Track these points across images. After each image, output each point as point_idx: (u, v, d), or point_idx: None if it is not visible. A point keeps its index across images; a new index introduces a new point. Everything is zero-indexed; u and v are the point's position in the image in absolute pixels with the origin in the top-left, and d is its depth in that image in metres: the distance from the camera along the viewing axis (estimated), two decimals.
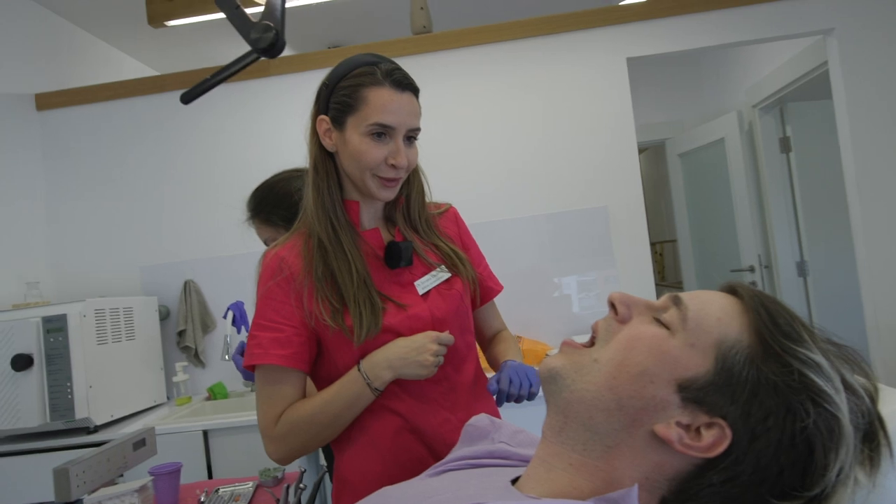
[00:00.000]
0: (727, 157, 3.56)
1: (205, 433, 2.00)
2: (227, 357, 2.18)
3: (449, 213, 1.19)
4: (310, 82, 2.56)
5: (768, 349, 0.56)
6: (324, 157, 1.03)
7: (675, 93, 4.00)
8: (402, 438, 1.02)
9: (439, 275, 1.08)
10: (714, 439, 0.56)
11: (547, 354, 2.46)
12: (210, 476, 2.00)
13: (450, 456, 0.84)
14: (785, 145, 3.38)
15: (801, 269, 3.38)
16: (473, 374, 1.10)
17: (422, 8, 2.46)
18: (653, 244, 5.29)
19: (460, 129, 2.47)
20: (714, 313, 0.60)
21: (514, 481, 0.68)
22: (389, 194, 1.03)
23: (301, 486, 1.29)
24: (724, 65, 3.76)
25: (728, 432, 0.55)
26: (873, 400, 0.57)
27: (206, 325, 2.51)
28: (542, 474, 0.64)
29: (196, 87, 0.86)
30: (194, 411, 2.26)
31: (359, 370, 0.99)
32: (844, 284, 3.08)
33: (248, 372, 1.24)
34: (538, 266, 2.43)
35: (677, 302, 0.61)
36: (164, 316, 2.51)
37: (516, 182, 2.46)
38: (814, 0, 2.33)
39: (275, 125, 2.59)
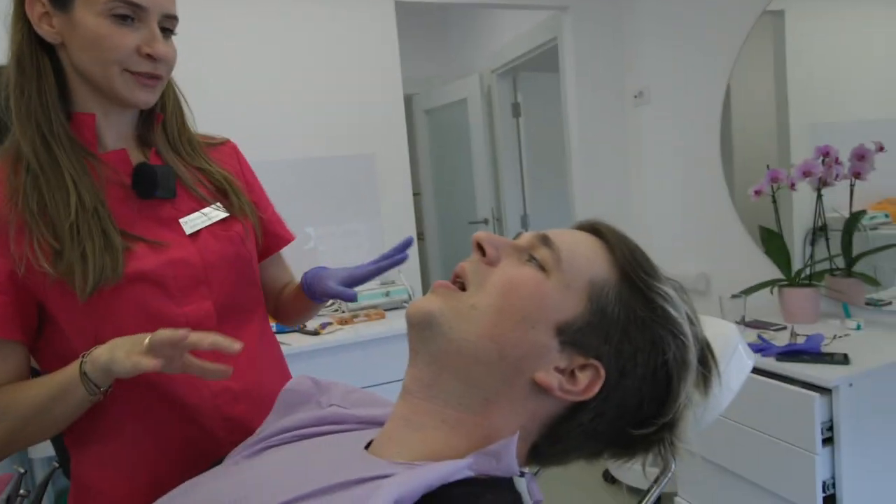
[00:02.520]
0: (468, 117, 3.82)
1: None
2: None
3: (226, 146, 0.99)
4: None
5: (633, 286, 0.57)
6: (34, 51, 0.76)
7: (420, 49, 4.10)
8: (162, 417, 0.81)
9: (214, 213, 0.87)
10: (589, 381, 0.55)
11: None
12: None
13: (265, 430, 0.70)
14: (516, 110, 3.76)
15: (524, 222, 3.85)
16: (259, 333, 0.93)
17: None
18: None
19: (209, 59, 2.12)
20: (583, 252, 0.59)
21: (367, 448, 0.59)
22: (148, 97, 0.79)
23: (21, 493, 0.98)
24: (468, 28, 3.98)
25: (602, 372, 0.55)
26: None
27: None
28: (408, 435, 0.56)
29: None
30: None
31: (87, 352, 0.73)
32: None
33: None
34: (290, 214, 2.27)
35: (546, 242, 0.59)
36: None
37: (275, 121, 2.24)
38: None
39: None
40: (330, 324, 2.04)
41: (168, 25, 0.80)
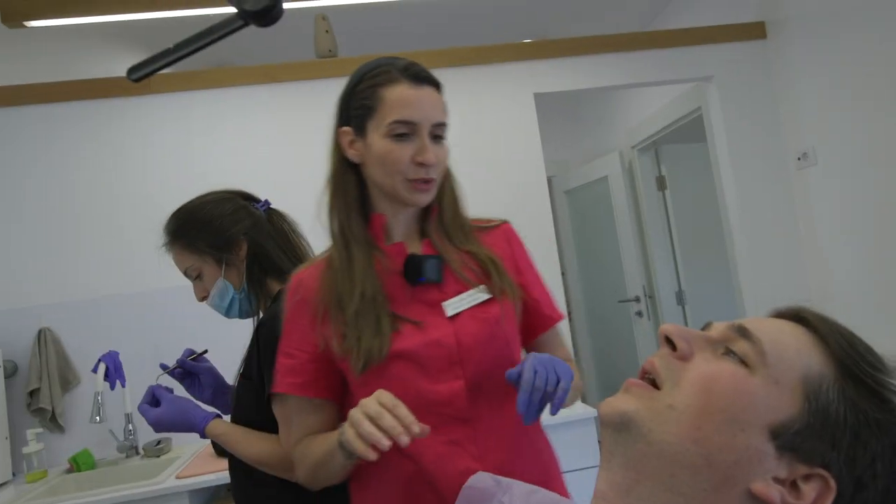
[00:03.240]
0: (611, 193, 3.77)
1: None
2: (97, 419, 1.84)
3: (500, 229, 1.06)
4: (192, 103, 2.33)
5: (859, 382, 0.51)
6: (343, 171, 0.96)
7: (557, 133, 4.19)
8: (413, 488, 0.89)
9: (476, 295, 0.95)
10: (817, 494, 0.48)
11: None
12: None
13: None
14: (661, 184, 3.65)
15: (680, 298, 3.62)
16: (518, 417, 0.94)
17: (326, 31, 2.33)
18: None
19: None
20: (791, 344, 0.53)
21: None
22: (423, 198, 0.94)
23: None
24: (604, 108, 4.02)
25: (832, 484, 0.48)
26: None
27: (67, 382, 2.10)
28: None
29: (151, 60, 0.67)
30: (52, 489, 1.85)
31: None
32: (719, 310, 3.34)
33: (159, 423, 1.12)
34: None
35: (744, 333, 0.54)
36: (11, 373, 2.07)
37: None
38: (697, 49, 2.54)
39: (150, 149, 2.28)
40: None
41: (437, 132, 0.94)
